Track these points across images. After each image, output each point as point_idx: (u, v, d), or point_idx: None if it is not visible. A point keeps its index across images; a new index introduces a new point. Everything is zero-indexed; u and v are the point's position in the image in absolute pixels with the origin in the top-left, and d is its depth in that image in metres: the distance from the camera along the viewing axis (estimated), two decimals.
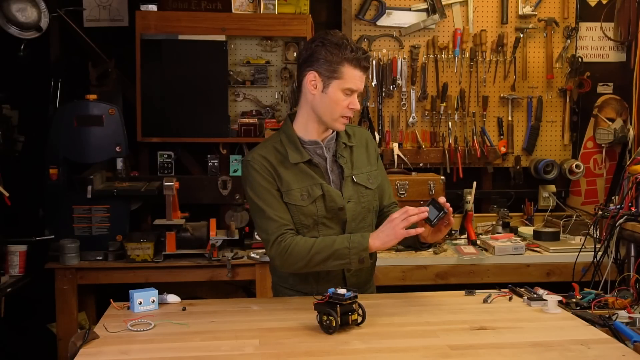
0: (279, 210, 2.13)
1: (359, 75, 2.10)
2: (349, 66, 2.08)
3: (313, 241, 2.08)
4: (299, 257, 2.07)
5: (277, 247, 2.09)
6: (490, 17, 4.05)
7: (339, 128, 2.17)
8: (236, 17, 3.69)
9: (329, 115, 2.13)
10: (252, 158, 2.16)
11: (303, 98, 2.18)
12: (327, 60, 2.07)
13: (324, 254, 2.06)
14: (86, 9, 3.81)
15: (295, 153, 2.16)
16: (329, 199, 2.15)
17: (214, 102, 3.70)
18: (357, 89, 2.11)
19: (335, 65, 2.07)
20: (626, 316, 2.15)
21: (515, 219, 4.00)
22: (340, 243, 2.06)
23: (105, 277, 3.33)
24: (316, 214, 2.15)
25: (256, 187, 2.13)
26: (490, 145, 4.06)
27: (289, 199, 2.14)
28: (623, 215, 2.58)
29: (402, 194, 3.70)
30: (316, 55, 2.09)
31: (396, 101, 4.02)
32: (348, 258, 2.05)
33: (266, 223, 2.12)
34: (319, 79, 2.10)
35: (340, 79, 2.08)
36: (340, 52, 2.07)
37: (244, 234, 3.57)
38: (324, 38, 2.09)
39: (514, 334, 1.89)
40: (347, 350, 1.76)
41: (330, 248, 2.06)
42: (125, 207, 3.46)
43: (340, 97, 2.10)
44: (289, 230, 2.11)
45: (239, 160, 3.84)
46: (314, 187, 2.15)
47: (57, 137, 3.37)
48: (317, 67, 2.10)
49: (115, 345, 1.77)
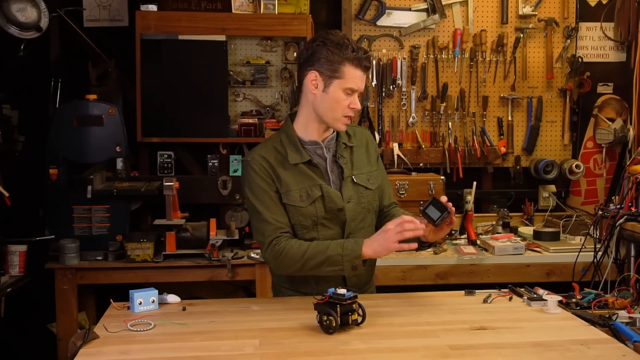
0: (276, 212, 2.12)
1: (360, 75, 2.10)
2: (350, 66, 2.08)
3: (307, 245, 2.08)
4: (292, 260, 2.08)
5: (272, 250, 2.09)
6: (490, 17, 4.05)
7: (340, 128, 2.17)
8: (236, 17, 3.69)
9: (330, 115, 2.13)
10: (252, 158, 2.16)
11: (304, 98, 2.17)
12: (328, 59, 2.07)
13: (317, 260, 2.06)
14: (86, 9, 3.81)
15: (294, 153, 2.15)
16: (328, 199, 2.15)
17: (214, 102, 3.70)
18: (358, 89, 2.11)
19: (336, 65, 2.07)
20: (626, 316, 2.15)
21: (515, 219, 3.99)
22: (334, 249, 2.06)
23: (105, 277, 3.33)
24: (315, 215, 2.14)
25: (254, 188, 2.13)
26: (490, 145, 4.06)
27: (288, 200, 2.13)
28: (623, 215, 2.58)
29: (402, 194, 3.70)
30: (317, 55, 2.09)
31: (396, 101, 4.02)
32: (341, 265, 2.05)
33: (262, 225, 2.12)
34: (320, 78, 2.10)
35: (342, 78, 2.08)
36: (342, 51, 2.06)
37: (244, 234, 3.57)
38: (325, 37, 2.09)
39: (514, 334, 1.89)
40: (347, 350, 1.76)
41: (323, 254, 2.06)
42: (125, 207, 3.46)
43: (341, 96, 2.10)
44: (284, 233, 2.11)
45: (239, 160, 3.84)
46: (313, 188, 2.14)
47: (57, 137, 3.37)
48: (318, 67, 2.09)
49: (115, 345, 1.77)
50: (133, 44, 3.62)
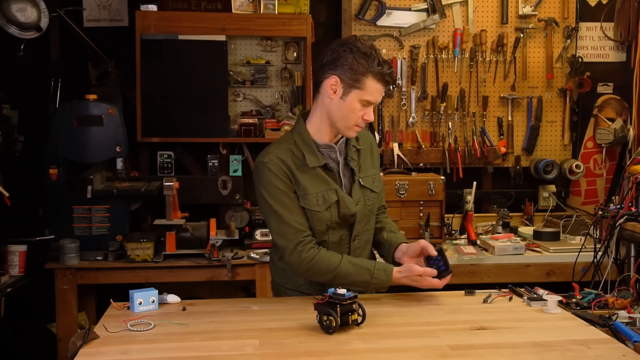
0: (296, 214, 2.12)
1: (380, 89, 2.08)
2: (373, 79, 2.05)
3: (337, 263, 2.10)
4: (319, 273, 2.12)
5: (298, 256, 2.10)
6: (490, 17, 4.05)
7: (350, 135, 2.16)
8: (236, 17, 3.69)
9: (343, 123, 2.11)
10: (269, 159, 2.12)
11: (320, 100, 2.15)
12: (352, 68, 2.04)
13: (345, 280, 2.10)
14: (86, 9, 3.81)
15: (311, 156, 2.14)
16: (342, 205, 2.15)
17: (214, 102, 3.70)
18: (375, 102, 2.10)
19: (359, 75, 2.04)
20: (626, 316, 2.15)
21: (515, 219, 3.99)
22: (364, 275, 2.12)
23: (105, 277, 3.33)
24: (330, 220, 2.15)
25: (272, 190, 2.11)
26: (490, 145, 4.06)
27: (304, 204, 2.12)
28: (623, 215, 2.58)
29: (402, 194, 3.70)
30: (342, 60, 2.05)
31: (396, 101, 4.02)
32: (367, 289, 2.14)
33: (283, 228, 2.11)
34: (340, 84, 2.07)
35: (362, 89, 2.06)
36: (368, 63, 2.03)
37: (244, 234, 3.57)
38: (354, 45, 2.06)
39: (514, 334, 1.89)
40: (347, 350, 1.76)
41: (352, 276, 2.11)
42: (125, 207, 3.46)
43: (357, 106, 2.08)
44: (307, 237, 2.12)
45: (239, 160, 3.84)
46: (330, 192, 2.14)
47: (57, 137, 3.37)
48: (340, 73, 2.06)
49: (115, 345, 1.77)
50: (133, 44, 3.62)
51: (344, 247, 2.21)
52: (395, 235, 2.33)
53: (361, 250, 2.25)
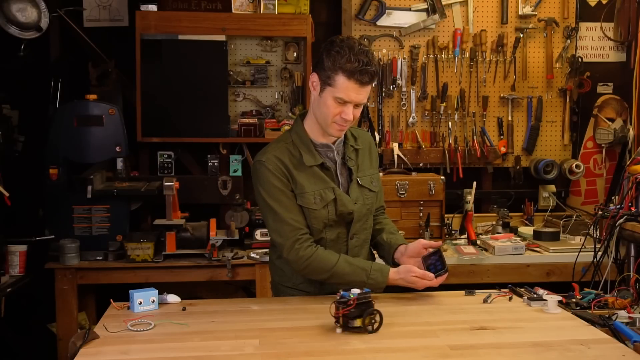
0: (293, 212, 2.13)
1: (353, 87, 2.04)
2: (343, 76, 2.03)
3: (334, 262, 2.11)
4: (316, 271, 2.13)
5: (295, 254, 2.11)
6: (490, 17, 4.05)
7: (333, 134, 2.16)
8: (236, 17, 3.69)
9: (322, 119, 2.13)
10: (267, 159, 2.14)
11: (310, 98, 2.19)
12: (325, 65, 2.06)
13: (340, 280, 2.12)
14: (86, 9, 3.81)
15: (309, 156, 2.15)
16: (340, 203, 2.16)
17: (214, 102, 3.70)
18: (349, 100, 2.06)
19: (330, 72, 2.05)
20: (626, 316, 2.15)
21: (515, 219, 3.99)
22: (360, 275, 2.13)
23: (105, 277, 3.33)
24: (327, 218, 2.16)
25: (269, 188, 2.12)
26: (490, 145, 4.06)
27: (302, 202, 2.14)
28: (623, 215, 2.58)
29: (402, 194, 3.70)
30: (321, 58, 2.08)
31: (396, 101, 4.02)
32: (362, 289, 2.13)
33: (280, 226, 2.13)
34: (318, 82, 2.10)
35: (333, 86, 2.06)
36: (337, 60, 2.02)
37: (244, 234, 3.57)
38: (332, 42, 2.07)
39: (514, 334, 1.89)
40: (347, 350, 1.76)
41: (348, 276, 2.12)
42: (125, 207, 3.46)
43: (331, 104, 2.07)
44: (304, 235, 2.13)
45: (239, 160, 3.84)
46: (327, 190, 2.15)
47: (57, 137, 3.37)
48: (318, 70, 2.10)
49: (115, 345, 1.77)
50: (133, 44, 3.62)
51: (341, 245, 2.22)
52: (394, 237, 2.34)
53: (359, 248, 2.26)
